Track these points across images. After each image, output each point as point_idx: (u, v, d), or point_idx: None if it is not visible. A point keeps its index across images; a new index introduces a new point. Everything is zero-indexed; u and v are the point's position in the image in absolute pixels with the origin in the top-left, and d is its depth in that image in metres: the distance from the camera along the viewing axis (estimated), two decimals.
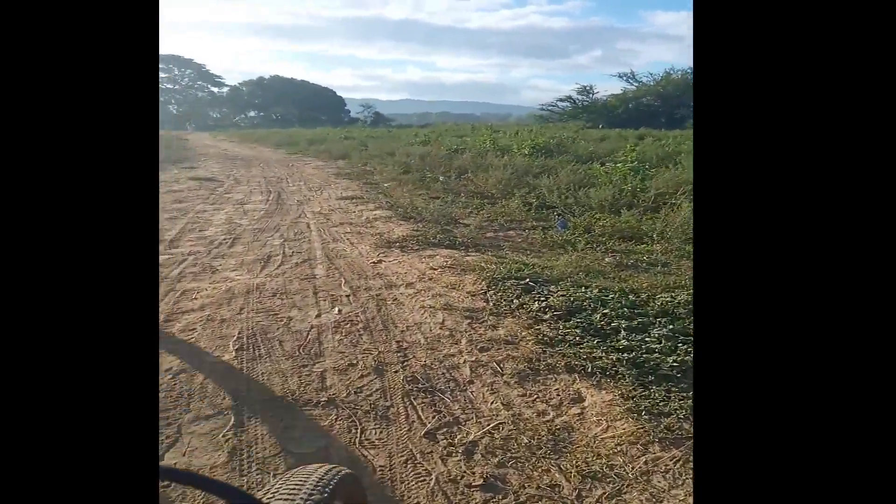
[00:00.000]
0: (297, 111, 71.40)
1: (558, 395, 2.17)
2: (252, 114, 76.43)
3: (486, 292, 3.17)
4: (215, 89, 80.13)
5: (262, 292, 3.19)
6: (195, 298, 3.07)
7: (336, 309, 2.95)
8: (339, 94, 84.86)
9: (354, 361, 2.37)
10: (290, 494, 0.77)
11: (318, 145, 16.02)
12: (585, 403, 2.11)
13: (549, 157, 9.31)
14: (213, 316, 2.81)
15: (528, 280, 3.24)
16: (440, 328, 2.73)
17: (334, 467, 0.89)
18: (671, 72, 31.56)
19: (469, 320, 2.82)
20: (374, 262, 3.87)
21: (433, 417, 2.00)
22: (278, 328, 2.68)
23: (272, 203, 6.35)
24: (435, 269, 3.67)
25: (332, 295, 3.18)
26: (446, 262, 3.84)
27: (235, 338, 2.56)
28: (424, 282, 3.43)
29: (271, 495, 0.78)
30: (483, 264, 3.68)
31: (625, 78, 33.18)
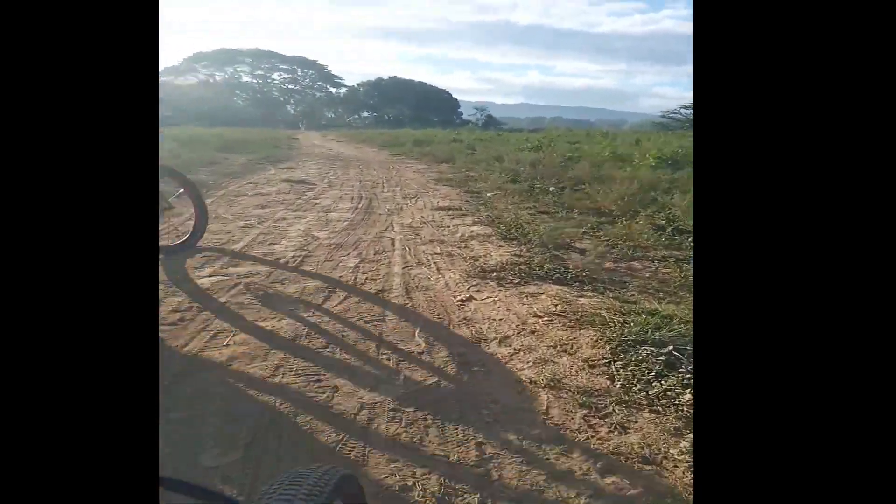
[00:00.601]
0: (410, 112, 72.71)
1: None
2: (365, 114, 78.69)
3: (610, 362, 2.26)
4: (333, 90, 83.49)
5: (311, 340, 2.47)
6: (225, 346, 2.39)
7: (401, 376, 2.17)
8: (455, 96, 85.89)
9: (408, 483, 1.56)
10: (287, 497, 0.71)
11: (424, 147, 15.46)
12: None
13: (678, 170, 8.10)
14: (232, 380, 2.10)
15: (670, 347, 2.30)
16: (543, 421, 1.87)
17: (333, 467, 0.83)
18: None
19: (585, 411, 1.93)
20: (461, 300, 3.05)
21: None
22: (314, 408, 1.92)
23: (360, 212, 5.71)
24: (540, 317, 2.79)
25: (401, 350, 2.40)
26: (555, 305, 2.95)
27: (251, 425, 1.83)
28: (524, 336, 2.57)
29: (268, 498, 0.72)
30: (604, 313, 2.76)
31: None
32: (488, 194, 6.98)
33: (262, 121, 51.75)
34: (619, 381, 2.12)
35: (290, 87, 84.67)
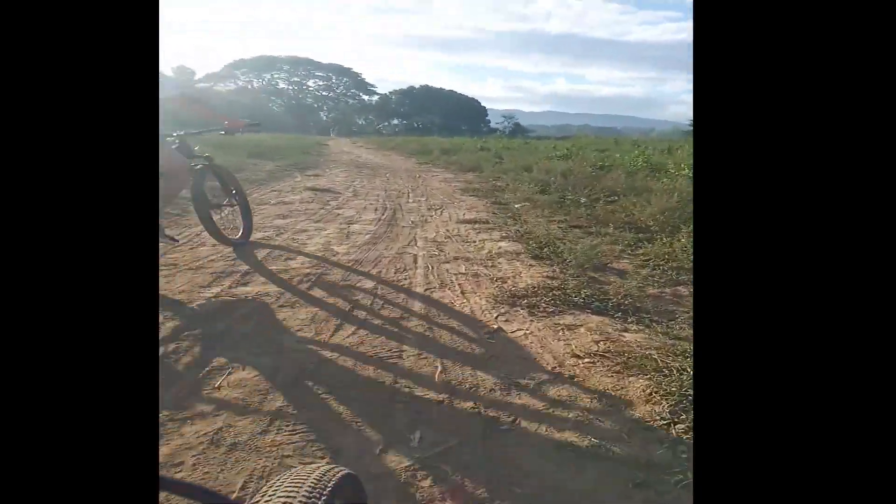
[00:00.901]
0: (439, 120, 73.11)
1: None
2: (395, 122, 79.34)
3: (669, 424, 1.88)
4: (366, 97, 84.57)
5: (316, 383, 2.13)
6: (214, 394, 2.06)
7: (416, 435, 1.81)
8: (483, 104, 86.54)
9: None
10: (287, 497, 0.69)
11: (451, 155, 15.12)
12: None
13: None
14: (201, 459, 1.76)
15: None
16: None
17: (334, 467, 0.80)
18: None
19: (645, 493, 1.56)
20: (488, 333, 2.69)
21: None
22: None
23: (383, 224, 5.38)
24: (579, 357, 2.41)
25: (418, 398, 2.04)
26: (596, 342, 2.57)
27: None
28: (562, 383, 2.19)
29: (268, 498, 0.70)
30: (655, 354, 2.37)
31: None
32: (516, 206, 6.61)
33: (296, 127, 52.25)
34: (683, 452, 1.73)
35: (324, 94, 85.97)
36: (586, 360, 2.39)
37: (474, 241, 4.72)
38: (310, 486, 0.72)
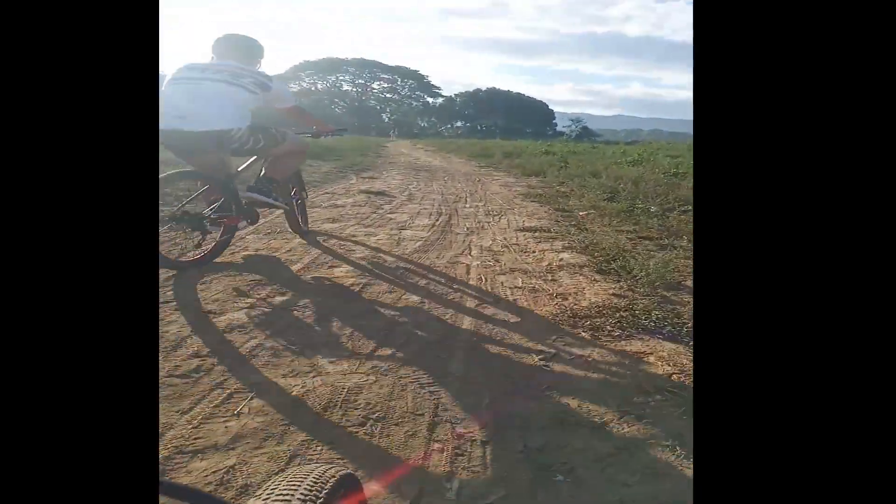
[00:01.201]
0: (503, 123, 72.81)
1: None
2: (458, 124, 79.33)
3: None
4: (430, 100, 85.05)
5: (346, 412, 1.90)
6: (225, 427, 1.86)
7: (454, 484, 1.55)
8: (553, 108, 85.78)
9: None
10: (284, 498, 0.67)
11: (514, 159, 14.81)
12: None
13: None
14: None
15: None
16: None
17: (332, 467, 0.77)
18: None
19: None
20: (545, 358, 2.40)
21: None
22: None
23: (436, 230, 5.15)
24: (650, 393, 2.09)
25: (459, 436, 1.78)
26: (668, 374, 2.24)
27: None
28: (629, 424, 1.88)
29: (264, 500, 0.67)
30: None
31: None
32: (581, 214, 6.25)
33: (357, 128, 53.09)
34: None
35: (387, 96, 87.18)
36: (657, 396, 2.07)
37: (533, 252, 4.42)
38: (307, 487, 0.70)
